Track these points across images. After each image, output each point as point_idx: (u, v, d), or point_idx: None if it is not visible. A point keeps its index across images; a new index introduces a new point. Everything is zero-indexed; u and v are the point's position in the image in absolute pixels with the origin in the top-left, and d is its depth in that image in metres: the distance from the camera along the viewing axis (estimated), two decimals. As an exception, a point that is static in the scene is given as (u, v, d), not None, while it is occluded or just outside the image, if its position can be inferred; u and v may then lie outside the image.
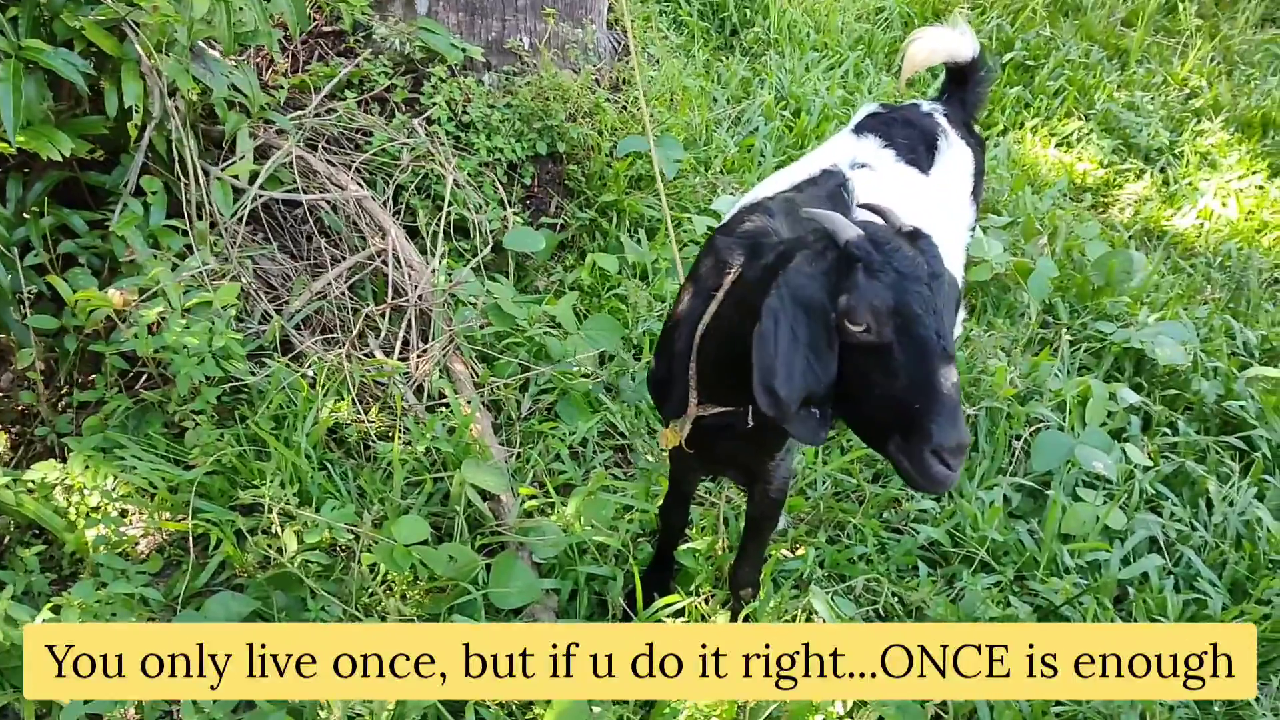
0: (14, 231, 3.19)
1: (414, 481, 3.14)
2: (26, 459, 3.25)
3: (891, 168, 2.87)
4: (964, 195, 3.03)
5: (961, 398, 1.76)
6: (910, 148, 2.95)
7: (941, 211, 2.91)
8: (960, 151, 3.04)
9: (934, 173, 2.95)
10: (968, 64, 3.25)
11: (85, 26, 3.05)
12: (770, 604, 2.70)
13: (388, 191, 3.92)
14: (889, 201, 2.60)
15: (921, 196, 2.85)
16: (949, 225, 2.93)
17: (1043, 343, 3.92)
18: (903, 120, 3.03)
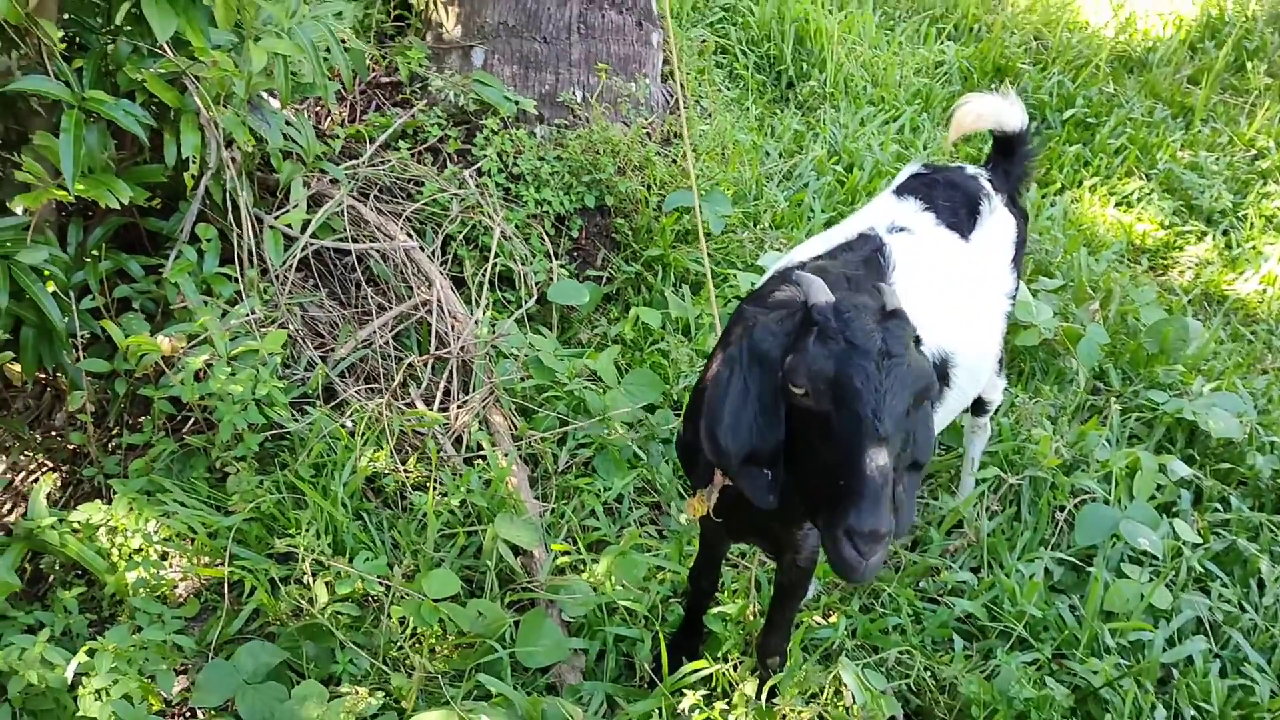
0: (73, 275, 3.28)
1: (448, 534, 3.15)
2: (74, 498, 3.32)
3: (931, 231, 2.84)
4: (1004, 263, 2.99)
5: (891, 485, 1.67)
6: (952, 211, 2.92)
7: (979, 277, 2.87)
8: (1003, 218, 3.01)
9: (974, 237, 2.92)
10: (1015, 135, 3.20)
11: (147, 79, 3.14)
12: (797, 675, 2.66)
13: (436, 241, 3.97)
14: (921, 268, 2.59)
15: (959, 262, 2.82)
16: (986, 291, 2.89)
17: (1092, 411, 3.85)
18: (946, 182, 3.00)
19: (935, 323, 2.58)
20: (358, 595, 2.87)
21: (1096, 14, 7.52)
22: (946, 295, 2.70)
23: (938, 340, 2.59)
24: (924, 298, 2.58)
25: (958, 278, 2.80)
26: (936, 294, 2.65)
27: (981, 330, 2.86)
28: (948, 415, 2.84)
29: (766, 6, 6.18)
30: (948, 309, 2.67)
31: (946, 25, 7.02)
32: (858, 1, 6.84)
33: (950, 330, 2.65)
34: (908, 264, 2.62)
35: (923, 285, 2.61)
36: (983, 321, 2.87)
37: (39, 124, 3.20)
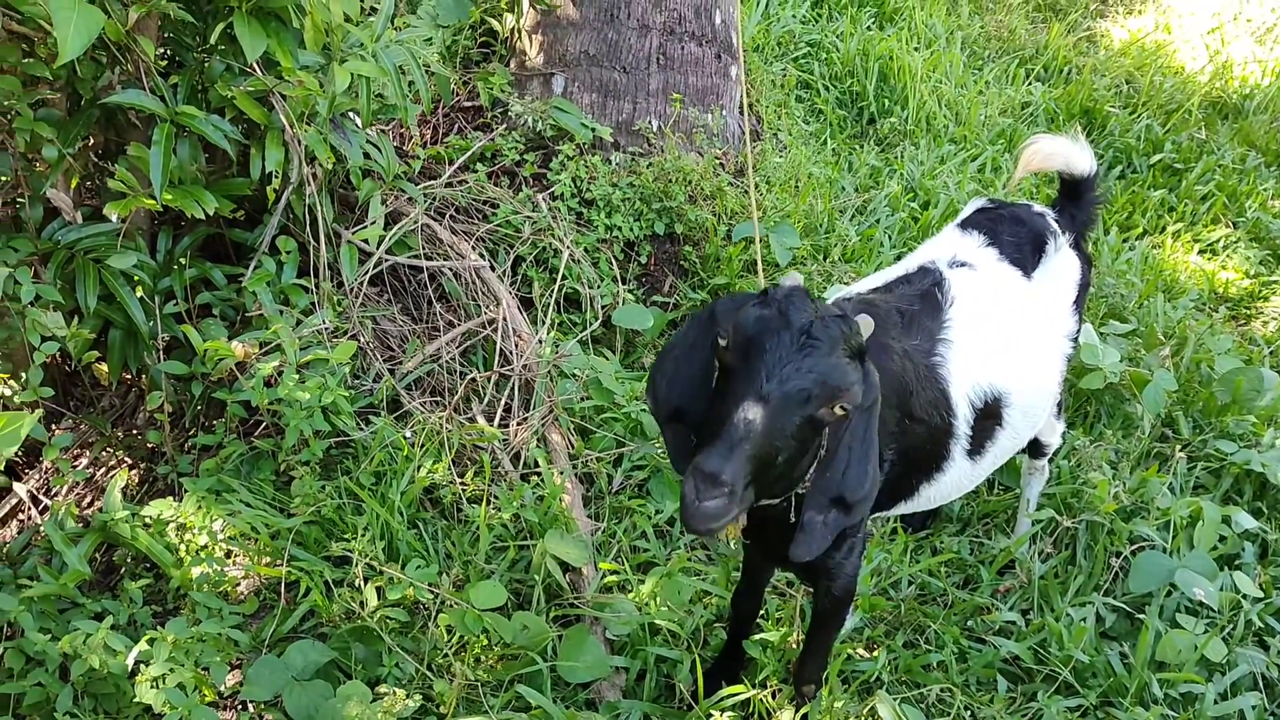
0: (159, 281, 3.43)
1: (500, 547, 3.22)
2: (150, 494, 3.46)
3: (993, 267, 2.84)
4: (1066, 303, 2.97)
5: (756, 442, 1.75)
6: (1016, 246, 2.91)
7: (1039, 316, 2.86)
8: (1067, 258, 2.99)
9: (1037, 276, 2.91)
10: (1082, 179, 3.18)
11: (236, 96, 3.28)
12: (834, 705, 2.67)
13: (507, 261, 4.07)
14: (980, 304, 2.59)
15: (1019, 299, 2.81)
16: (1046, 331, 2.88)
17: (1157, 458, 3.78)
18: (1012, 218, 2.98)
19: (990, 360, 2.59)
20: (408, 602, 2.94)
21: (1192, 59, 7.40)
22: (1004, 333, 2.70)
23: (989, 378, 2.59)
24: (981, 334, 2.59)
25: (1017, 315, 2.79)
26: (994, 331, 2.66)
27: (1038, 370, 2.84)
28: (1001, 455, 2.82)
29: (851, 43, 6.21)
30: (1004, 347, 2.68)
31: (1035, 67, 6.97)
32: (945, 41, 6.84)
33: (1005, 368, 2.65)
34: (966, 299, 2.64)
35: (980, 321, 2.62)
36: (1040, 361, 2.86)
37: (135, 136, 3.37)
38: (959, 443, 2.56)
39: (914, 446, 2.48)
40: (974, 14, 7.66)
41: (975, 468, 2.69)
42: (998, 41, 7.28)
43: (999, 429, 2.68)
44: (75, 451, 3.60)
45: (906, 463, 2.49)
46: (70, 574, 2.86)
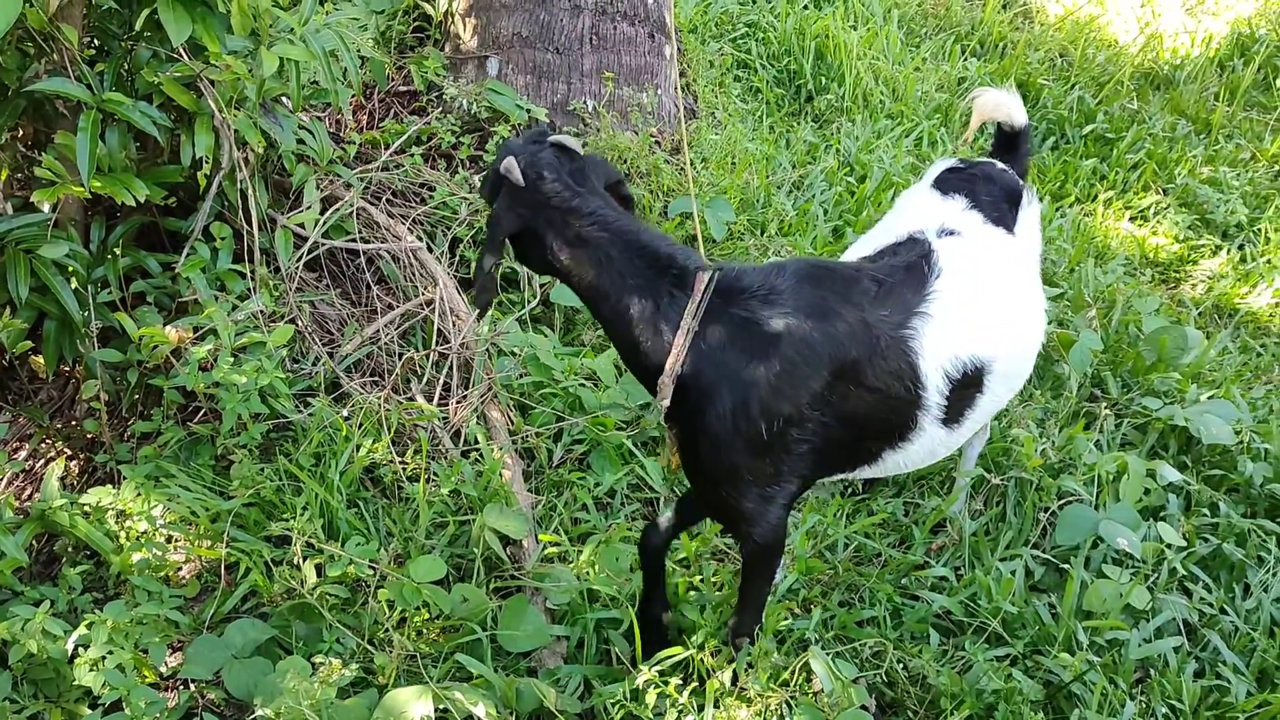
0: (94, 271, 3.43)
1: (440, 523, 3.25)
2: (89, 484, 3.46)
3: (980, 231, 2.82)
4: (1038, 257, 3.06)
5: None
6: (995, 205, 2.91)
7: (1024, 275, 2.90)
8: (1035, 210, 3.05)
9: (1019, 231, 2.93)
10: (1019, 130, 3.24)
11: (163, 82, 3.28)
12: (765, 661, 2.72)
13: (444, 243, 4.10)
14: (969, 275, 2.65)
15: (1008, 262, 2.83)
16: (1030, 288, 2.92)
17: (1087, 417, 3.88)
18: (984, 176, 2.99)
19: (975, 331, 2.60)
20: (348, 579, 2.97)
21: (1125, 32, 7.53)
22: (992, 300, 2.69)
23: (972, 349, 2.58)
24: (967, 306, 2.59)
25: (1006, 279, 2.79)
26: (982, 300, 2.65)
27: (1024, 333, 2.82)
28: (982, 418, 2.79)
29: (788, 22, 6.27)
30: (991, 315, 2.66)
31: (971, 42, 7.06)
32: (882, 18, 6.91)
33: (990, 337, 2.63)
34: (955, 270, 2.61)
35: (969, 292, 2.61)
36: (1026, 323, 2.84)
37: (64, 125, 3.36)
38: (928, 413, 2.57)
39: (863, 414, 2.49)
40: (911, -9, 7.75)
41: (952, 434, 2.69)
42: (934, 19, 7.37)
43: (980, 396, 2.66)
44: (14, 444, 3.59)
45: (854, 428, 2.51)
46: (7, 562, 2.87)
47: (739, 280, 2.41)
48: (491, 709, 2.56)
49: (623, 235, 2.39)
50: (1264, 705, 2.87)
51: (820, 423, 2.44)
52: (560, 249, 2.39)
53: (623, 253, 2.38)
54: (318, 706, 2.42)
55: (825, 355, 2.39)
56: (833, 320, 2.42)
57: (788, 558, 3.20)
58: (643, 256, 2.39)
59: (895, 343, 2.47)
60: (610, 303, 2.42)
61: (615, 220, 2.40)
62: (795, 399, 2.37)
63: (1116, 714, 2.80)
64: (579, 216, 2.37)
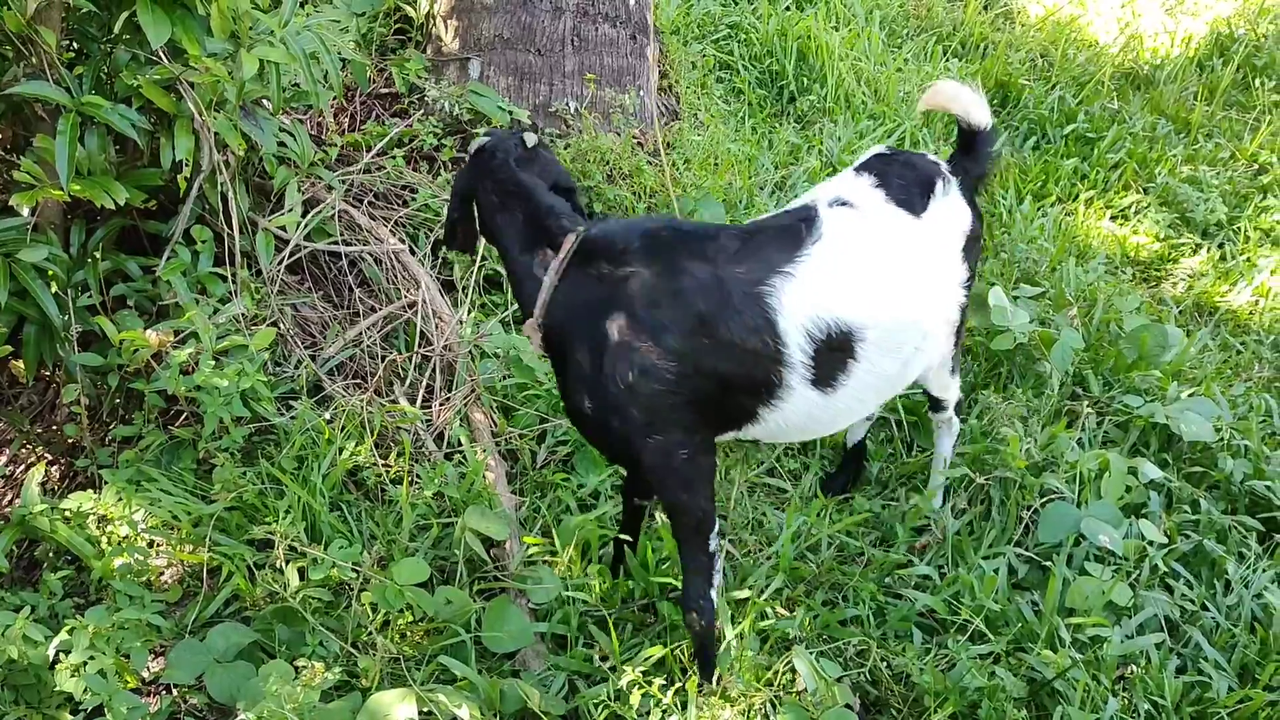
0: (74, 274, 3.41)
1: (423, 525, 3.24)
2: (70, 489, 3.44)
3: (879, 206, 2.83)
4: (954, 249, 2.98)
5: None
6: (904, 188, 2.88)
7: (922, 255, 2.87)
8: (958, 204, 2.99)
9: (926, 217, 2.89)
10: (979, 132, 3.13)
11: (143, 85, 3.27)
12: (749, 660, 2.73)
13: (427, 245, 4.09)
14: (853, 242, 2.70)
15: (903, 238, 2.82)
16: (928, 270, 2.89)
17: (1068, 415, 3.89)
18: (904, 161, 3.00)
19: (843, 295, 2.64)
20: (331, 582, 2.97)
21: (1105, 33, 7.57)
22: (872, 269, 2.72)
23: (837, 311, 2.62)
24: (840, 270, 2.65)
25: (895, 253, 2.80)
26: (859, 267, 2.69)
27: (910, 307, 2.80)
28: (868, 391, 2.79)
29: (770, 23, 6.28)
30: (868, 282, 2.69)
31: (953, 43, 7.09)
32: (864, 20, 6.93)
33: (863, 303, 2.66)
34: (834, 237, 2.67)
35: (845, 258, 2.66)
36: (914, 299, 2.82)
37: (43, 129, 3.35)
38: (794, 372, 2.62)
39: (725, 368, 2.59)
40: (893, -7, 7.78)
41: (831, 400, 2.72)
42: (916, 20, 7.39)
43: (852, 362, 2.69)
44: (-6, 449, 3.58)
45: (719, 382, 2.62)
46: (-13, 568, 2.85)
47: (597, 241, 2.64)
48: (475, 711, 2.56)
49: (525, 200, 2.72)
50: (1245, 701, 2.88)
51: (681, 374, 2.57)
52: (486, 208, 2.77)
53: (523, 215, 2.72)
54: (301, 710, 2.42)
55: (671, 309, 2.55)
56: (679, 276, 2.58)
57: (768, 559, 3.22)
58: (534, 219, 2.71)
59: (750, 298, 2.58)
60: (509, 259, 2.78)
61: (524, 187, 2.72)
62: (645, 350, 2.54)
63: (1099, 711, 2.81)
64: (500, 182, 2.73)
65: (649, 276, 2.57)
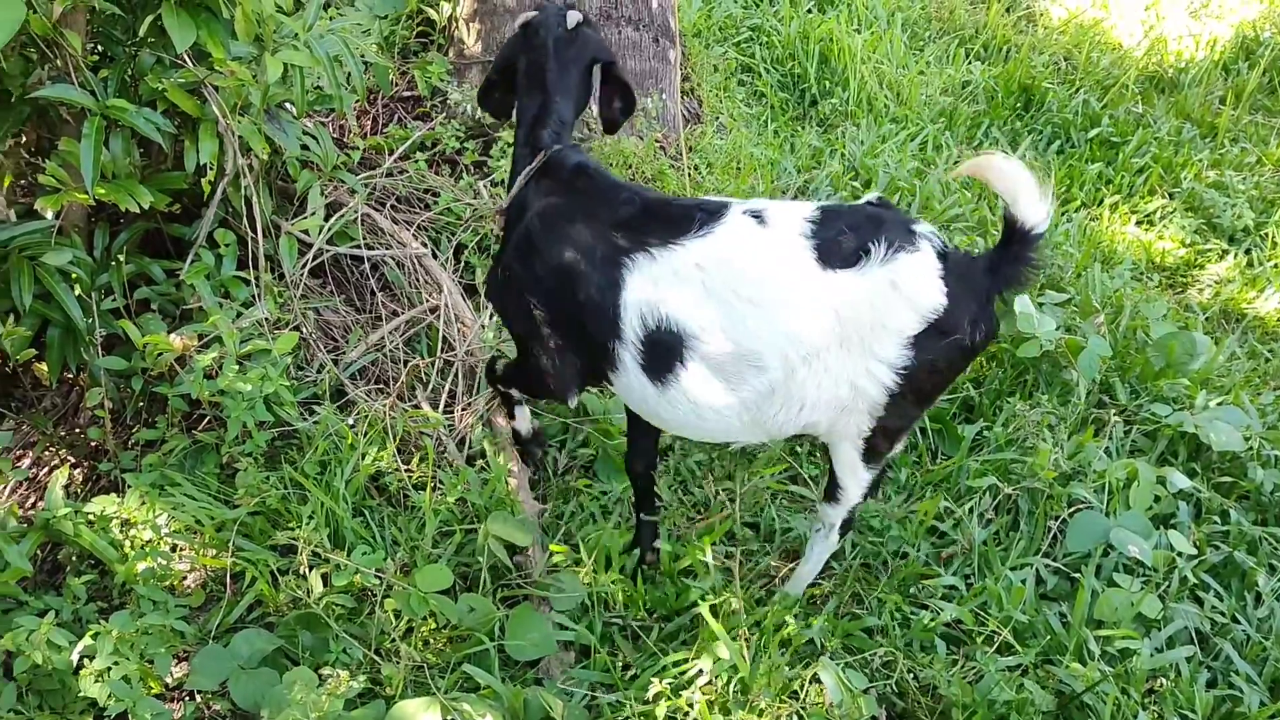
0: (98, 278, 3.41)
1: (446, 531, 3.23)
2: (93, 492, 3.44)
3: (789, 239, 2.54)
4: (893, 328, 2.52)
5: None
6: (833, 240, 2.53)
7: (824, 310, 2.51)
8: (922, 284, 2.51)
9: (843, 275, 2.50)
10: (1024, 229, 2.53)
11: (167, 88, 3.26)
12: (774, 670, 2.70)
13: (449, 249, 4.08)
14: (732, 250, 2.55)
15: (798, 280, 2.52)
16: (831, 331, 2.53)
17: (1095, 423, 3.85)
18: (870, 215, 2.59)
19: (685, 297, 2.56)
20: (355, 588, 2.95)
21: (1129, 35, 7.51)
22: (733, 289, 2.54)
23: (672, 308, 2.57)
24: (697, 272, 2.55)
25: (772, 290, 2.54)
26: (720, 281, 2.54)
27: (770, 350, 2.56)
28: (698, 403, 2.67)
29: (792, 26, 6.26)
30: (718, 299, 2.55)
31: (975, 46, 7.05)
32: (886, 22, 6.90)
33: (701, 315, 2.55)
34: (722, 241, 2.56)
35: (713, 263, 2.54)
36: (784, 346, 2.55)
37: (68, 132, 3.35)
38: (627, 349, 2.66)
39: (576, 315, 2.75)
40: (915, -5, 7.74)
41: (663, 394, 2.68)
42: (938, 22, 7.36)
43: (679, 367, 2.61)
44: (18, 452, 3.57)
45: (574, 326, 2.79)
46: (11, 571, 2.84)
47: (551, 161, 2.91)
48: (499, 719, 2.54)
49: (543, 92, 2.97)
50: (1277, 715, 2.85)
51: (545, 303, 2.83)
52: (518, 85, 3.05)
53: (536, 108, 2.98)
54: (325, 718, 2.41)
55: (548, 244, 2.79)
56: (571, 221, 2.78)
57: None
58: (540, 118, 2.96)
59: (608, 263, 2.67)
60: (516, 143, 3.05)
61: (548, 79, 2.97)
62: (524, 268, 2.85)
63: (1129, 725, 2.78)
64: (533, 64, 2.99)
65: (552, 207, 2.84)
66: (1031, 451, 3.56)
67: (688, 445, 3.60)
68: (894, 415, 2.66)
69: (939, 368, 2.60)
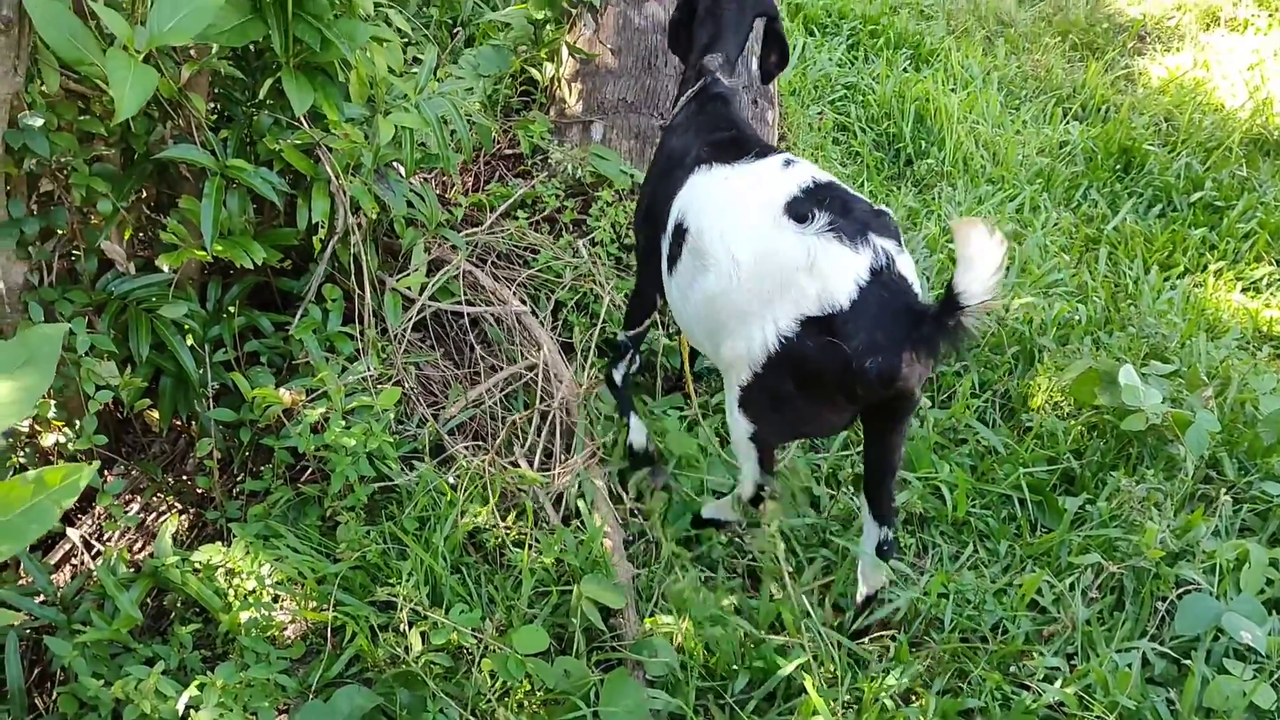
0: (209, 330, 3.52)
1: (542, 591, 3.24)
2: (199, 540, 3.52)
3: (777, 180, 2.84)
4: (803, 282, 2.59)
5: None
6: (827, 209, 2.62)
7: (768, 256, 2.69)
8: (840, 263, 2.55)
9: (805, 236, 2.60)
10: (955, 291, 2.35)
11: (284, 149, 3.37)
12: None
13: (548, 307, 4.13)
14: (758, 188, 2.90)
15: (776, 228, 2.68)
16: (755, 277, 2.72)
17: (1201, 499, 3.75)
18: (864, 208, 2.69)
19: (709, 207, 3.01)
20: (452, 646, 2.98)
21: (1232, 96, 7.37)
22: (736, 212, 2.89)
23: (693, 211, 3.05)
24: (728, 192, 2.99)
25: (755, 227, 2.75)
26: (735, 202, 2.93)
27: (723, 265, 2.81)
28: (684, 292, 3.08)
29: (888, 85, 6.26)
30: (726, 214, 2.92)
31: (1073, 106, 6.98)
32: (982, 81, 6.87)
33: (707, 218, 2.97)
34: (746, 167, 3.01)
35: (738, 189, 2.97)
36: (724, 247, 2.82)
37: (186, 188, 3.47)
38: (665, 239, 3.21)
39: (656, 214, 3.32)
40: (1010, 54, 7.70)
41: (670, 280, 3.19)
42: (1034, 81, 7.31)
43: (680, 255, 3.08)
44: (126, 497, 3.68)
45: (655, 229, 3.31)
46: (123, 619, 2.92)
47: (705, 94, 3.45)
48: (595, 789, 2.53)
49: (717, 26, 3.53)
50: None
51: (648, 202, 3.46)
52: (696, 16, 3.59)
53: (707, 39, 3.53)
54: (424, 781, 2.42)
55: (667, 155, 3.41)
56: (684, 133, 3.38)
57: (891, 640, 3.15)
58: (709, 46, 3.52)
59: (686, 169, 3.18)
60: (686, 66, 3.67)
61: (726, 16, 3.52)
62: (652, 167, 3.60)
63: (1242, 821, 2.68)
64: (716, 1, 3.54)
65: (681, 122, 3.45)
66: (1136, 528, 3.47)
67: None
68: (763, 386, 2.78)
69: (810, 365, 2.63)
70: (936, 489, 3.74)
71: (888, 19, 7.37)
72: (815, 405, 2.79)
